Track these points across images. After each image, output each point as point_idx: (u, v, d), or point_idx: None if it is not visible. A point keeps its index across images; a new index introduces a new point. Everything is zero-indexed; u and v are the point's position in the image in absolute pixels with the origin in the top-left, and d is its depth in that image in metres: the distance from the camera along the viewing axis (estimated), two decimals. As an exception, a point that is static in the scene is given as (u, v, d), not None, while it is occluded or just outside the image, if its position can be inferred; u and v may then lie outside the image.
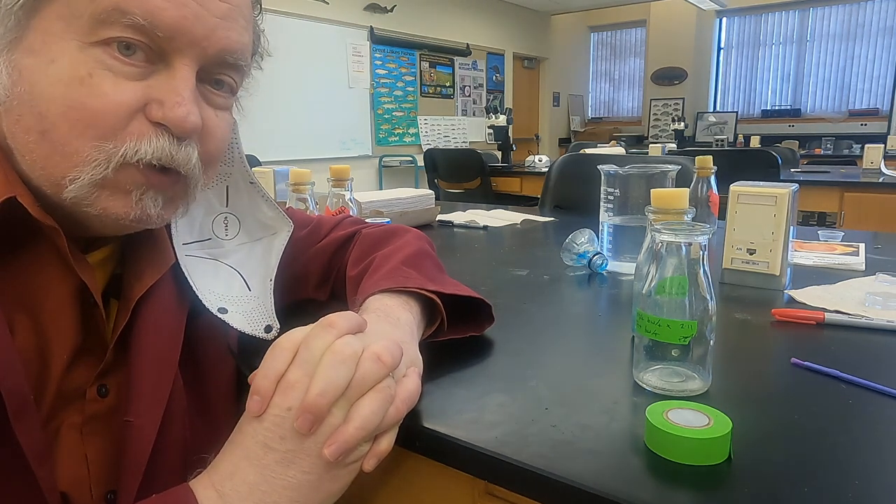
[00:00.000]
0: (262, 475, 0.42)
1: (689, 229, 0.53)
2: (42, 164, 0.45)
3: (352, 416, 0.43)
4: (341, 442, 0.42)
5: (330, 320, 0.46)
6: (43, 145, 0.44)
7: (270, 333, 0.59)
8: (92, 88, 0.43)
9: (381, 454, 0.46)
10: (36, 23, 0.43)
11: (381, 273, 0.63)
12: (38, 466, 0.44)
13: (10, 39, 0.44)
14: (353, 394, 0.43)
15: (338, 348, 0.43)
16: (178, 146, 0.47)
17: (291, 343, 0.44)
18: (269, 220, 0.65)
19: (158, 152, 0.46)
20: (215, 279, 0.59)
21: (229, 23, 0.48)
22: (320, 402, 0.42)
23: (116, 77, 0.44)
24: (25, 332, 0.46)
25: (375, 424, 0.44)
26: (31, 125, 0.44)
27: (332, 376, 0.42)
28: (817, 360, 0.60)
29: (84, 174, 0.44)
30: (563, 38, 8.71)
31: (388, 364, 0.45)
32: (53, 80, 0.43)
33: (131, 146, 0.45)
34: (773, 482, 0.41)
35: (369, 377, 0.44)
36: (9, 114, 0.44)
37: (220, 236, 0.62)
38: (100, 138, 0.44)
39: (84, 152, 0.44)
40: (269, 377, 0.43)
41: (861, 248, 1.14)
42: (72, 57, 0.43)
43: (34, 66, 0.43)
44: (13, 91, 0.44)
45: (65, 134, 0.44)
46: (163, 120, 0.46)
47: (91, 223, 0.49)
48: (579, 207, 1.79)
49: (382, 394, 0.44)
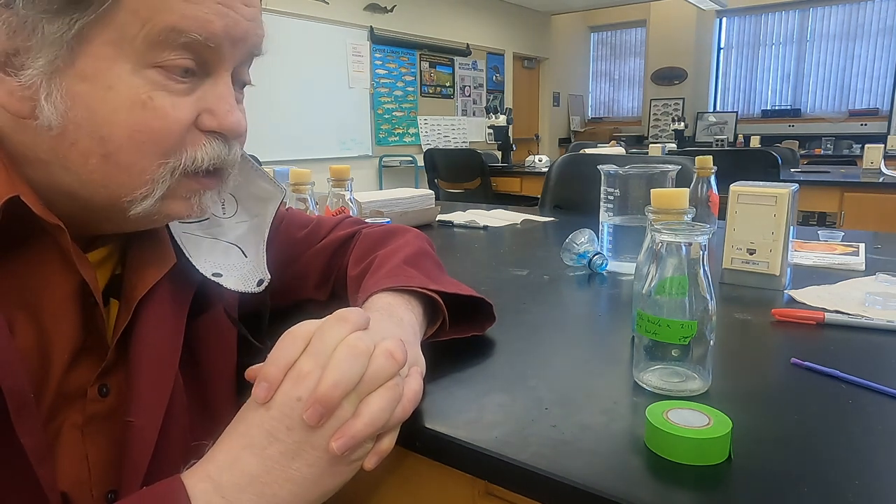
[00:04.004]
0: (265, 466, 0.42)
1: (689, 229, 0.54)
2: (104, 184, 0.46)
3: (361, 412, 0.43)
4: (349, 436, 0.42)
5: (343, 314, 0.46)
6: (106, 167, 0.46)
7: (262, 286, 0.60)
8: (155, 111, 0.45)
9: (383, 453, 0.46)
10: (86, 48, 0.43)
11: (382, 272, 0.63)
12: (39, 466, 0.44)
13: (59, 66, 0.44)
14: (364, 389, 0.43)
15: (352, 342, 0.43)
16: (228, 149, 0.51)
17: (304, 333, 0.44)
18: (263, 192, 0.65)
19: (214, 158, 0.49)
20: (212, 252, 0.59)
21: (256, 23, 0.50)
22: (333, 394, 0.41)
23: (173, 96, 0.46)
24: (26, 331, 0.47)
25: (384, 421, 0.44)
26: (91, 149, 0.45)
27: (345, 369, 0.42)
28: (817, 360, 0.60)
29: (156, 190, 0.47)
30: (563, 38, 8.71)
31: (399, 361, 0.45)
32: (115, 105, 0.44)
33: (189, 156, 0.48)
34: (773, 482, 0.41)
35: (381, 373, 0.44)
36: (62, 138, 0.45)
37: (218, 215, 0.62)
38: (164, 156, 0.47)
39: (152, 170, 0.47)
40: (279, 365, 0.43)
41: (861, 248, 1.14)
42: (128, 82, 0.44)
43: (90, 93, 0.44)
44: (67, 116, 0.44)
45: (132, 155, 0.46)
46: (218, 128, 0.49)
47: (91, 221, 0.50)
48: (579, 207, 1.79)
49: (392, 391, 0.45)
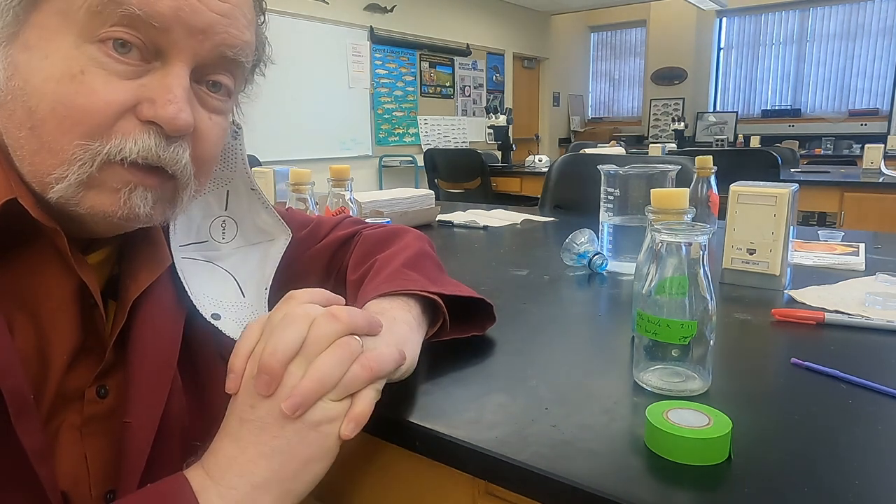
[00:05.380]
0: (239, 446, 0.43)
1: (689, 229, 0.54)
2: (30, 161, 0.45)
3: (308, 372, 0.44)
4: (297, 395, 0.43)
5: (290, 294, 0.47)
6: (32, 142, 0.44)
7: None
8: (82, 86, 0.43)
9: (358, 418, 0.45)
10: (34, 18, 0.43)
11: (381, 277, 0.63)
12: (39, 466, 0.44)
13: (8, 35, 0.44)
14: (310, 351, 0.44)
15: (290, 311, 0.45)
16: (166, 145, 0.46)
17: (259, 323, 0.46)
18: (267, 226, 0.65)
19: (144, 151, 0.45)
20: (210, 282, 0.59)
21: (229, 20, 0.48)
22: (271, 361, 0.43)
23: (108, 75, 0.44)
24: (25, 332, 0.46)
25: (334, 378, 0.44)
26: (22, 121, 0.44)
27: (281, 335, 0.44)
28: (817, 360, 0.60)
29: (70, 173, 0.44)
30: (563, 38, 8.71)
31: (343, 320, 0.46)
32: (45, 75, 0.43)
33: (115, 144, 0.44)
34: (773, 482, 0.41)
35: (324, 334, 0.45)
36: (2, 108, 0.44)
37: (217, 239, 0.62)
38: (86, 136, 0.44)
39: (69, 150, 0.43)
40: (239, 355, 0.45)
41: (861, 248, 1.14)
42: (66, 53, 0.43)
43: (28, 62, 0.43)
44: (7, 86, 0.44)
45: (52, 130, 0.43)
46: (153, 118, 0.45)
47: (85, 223, 0.49)
48: (579, 207, 1.79)
49: (341, 349, 0.45)
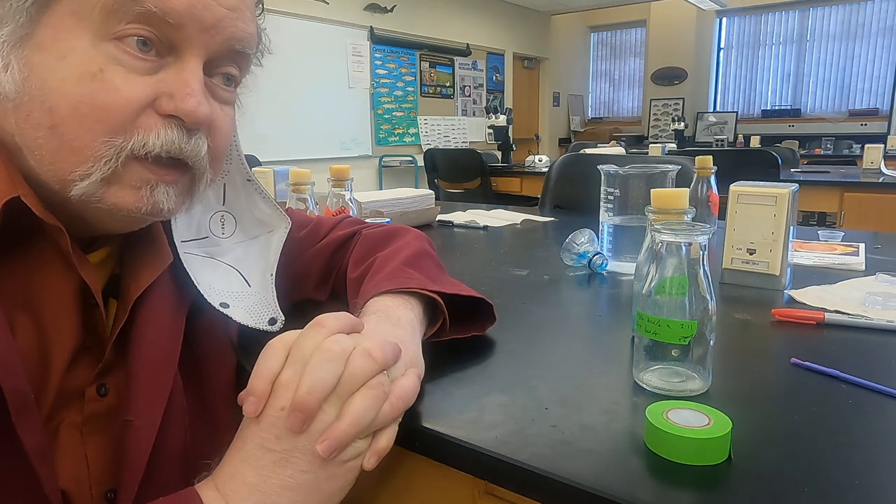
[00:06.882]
0: (261, 476, 0.42)
1: (689, 229, 0.54)
2: (51, 160, 0.45)
3: (343, 413, 0.43)
4: (333, 438, 0.43)
5: (320, 320, 0.46)
6: (52, 141, 0.44)
7: (275, 326, 0.60)
8: (103, 84, 0.44)
9: (381, 452, 0.46)
10: (47, 19, 0.43)
11: (381, 275, 0.63)
12: (39, 465, 0.44)
13: (22, 35, 0.44)
14: (345, 391, 0.43)
15: (326, 346, 0.44)
16: (188, 138, 0.48)
17: (283, 344, 0.45)
18: (266, 217, 0.65)
19: (168, 144, 0.46)
20: (213, 276, 0.59)
21: (237, 13, 0.49)
22: (309, 400, 0.42)
23: (127, 72, 0.45)
24: (26, 331, 0.47)
25: (368, 420, 0.44)
26: (40, 121, 0.44)
27: (319, 374, 0.43)
28: (817, 360, 0.60)
29: (94, 170, 0.45)
30: (563, 38, 8.71)
31: (378, 360, 0.45)
32: (64, 75, 0.43)
33: (139, 139, 0.45)
34: (773, 482, 0.41)
35: (359, 374, 0.44)
36: (19, 110, 0.44)
37: (217, 234, 0.62)
38: (109, 133, 0.44)
39: (94, 147, 0.44)
40: (263, 377, 0.43)
41: (861, 248, 1.14)
42: (84, 52, 0.43)
43: (45, 62, 0.43)
44: (24, 87, 0.44)
45: (74, 129, 0.44)
46: (174, 112, 0.46)
47: (99, 220, 0.49)
48: (579, 207, 1.79)
49: (375, 390, 0.44)
